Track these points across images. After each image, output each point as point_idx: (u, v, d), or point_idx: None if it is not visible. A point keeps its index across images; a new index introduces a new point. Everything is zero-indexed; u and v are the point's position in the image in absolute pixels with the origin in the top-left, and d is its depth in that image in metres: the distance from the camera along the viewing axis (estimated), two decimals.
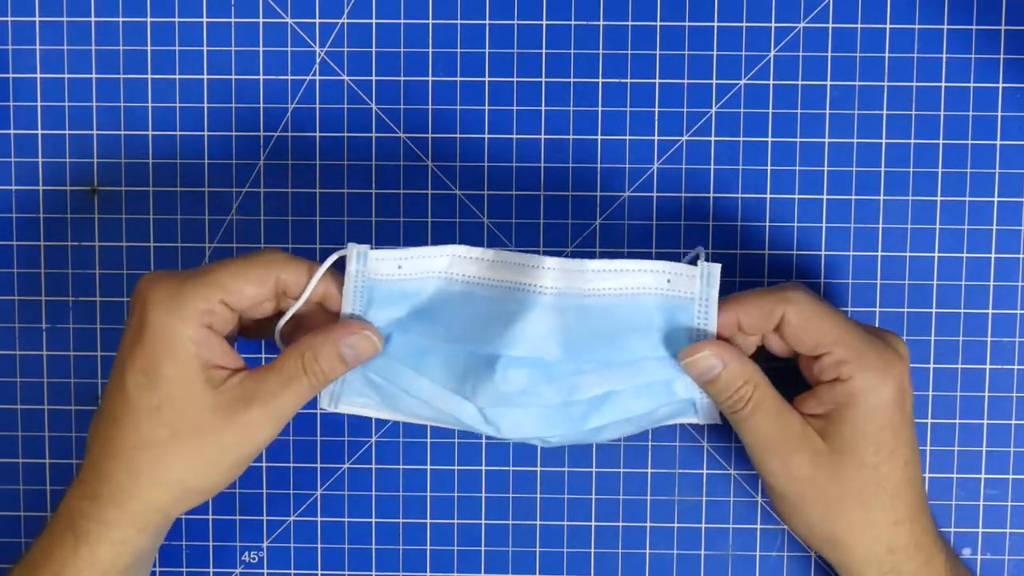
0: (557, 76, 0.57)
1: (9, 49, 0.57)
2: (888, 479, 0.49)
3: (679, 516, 0.58)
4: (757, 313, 0.50)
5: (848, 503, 0.50)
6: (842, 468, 0.49)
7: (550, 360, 0.49)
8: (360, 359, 0.50)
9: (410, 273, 0.51)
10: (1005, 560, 0.58)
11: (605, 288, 0.50)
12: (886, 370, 0.49)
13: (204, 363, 0.49)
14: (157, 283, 0.49)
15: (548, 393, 0.49)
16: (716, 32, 0.56)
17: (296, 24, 0.57)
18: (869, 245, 0.57)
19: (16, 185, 0.58)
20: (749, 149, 0.57)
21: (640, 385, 0.50)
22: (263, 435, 0.49)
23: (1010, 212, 0.56)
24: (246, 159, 0.57)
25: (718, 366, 0.49)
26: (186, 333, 0.48)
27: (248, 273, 0.49)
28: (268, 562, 0.59)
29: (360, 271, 0.50)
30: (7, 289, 0.58)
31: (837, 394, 0.49)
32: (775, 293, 0.50)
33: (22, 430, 0.58)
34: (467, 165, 0.57)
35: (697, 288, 0.50)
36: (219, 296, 0.48)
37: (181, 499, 0.50)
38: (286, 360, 0.49)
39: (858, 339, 0.49)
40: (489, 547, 0.58)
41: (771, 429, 0.50)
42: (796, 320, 0.49)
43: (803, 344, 0.49)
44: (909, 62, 0.56)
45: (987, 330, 0.57)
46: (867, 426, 0.49)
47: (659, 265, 0.50)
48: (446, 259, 0.51)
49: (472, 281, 0.51)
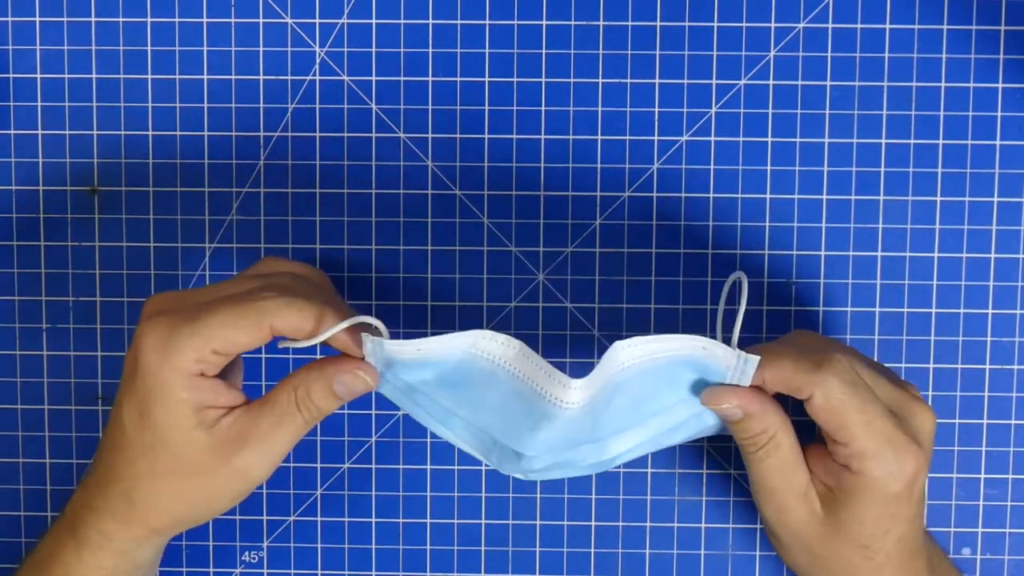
0: (557, 76, 0.57)
1: (9, 49, 0.57)
2: (877, 554, 0.50)
3: (679, 516, 0.58)
4: (786, 387, 0.49)
5: (834, 564, 0.50)
6: (833, 540, 0.50)
7: (573, 456, 0.50)
8: (353, 394, 0.49)
9: (431, 352, 0.48)
10: (1005, 560, 0.58)
11: (635, 357, 0.47)
12: (900, 469, 0.48)
13: (196, 406, 0.48)
14: (154, 326, 0.48)
15: (576, 459, 0.50)
16: (716, 32, 0.56)
17: (296, 24, 0.57)
18: (869, 245, 0.57)
19: (16, 185, 0.58)
20: (749, 149, 0.57)
21: (669, 428, 0.51)
22: (257, 475, 0.49)
23: (1010, 212, 0.56)
24: (246, 159, 0.57)
25: (739, 416, 0.49)
26: (177, 382, 0.48)
27: (240, 323, 0.48)
28: (268, 562, 0.59)
29: (376, 352, 0.48)
30: (7, 289, 0.58)
31: (844, 479, 0.49)
32: (810, 372, 0.48)
33: (22, 430, 0.58)
34: (467, 165, 0.57)
35: (731, 369, 0.48)
36: (210, 347, 0.48)
37: (177, 526, 0.51)
38: (278, 397, 0.49)
39: (878, 437, 0.48)
40: (489, 547, 0.58)
41: (776, 480, 0.50)
42: (822, 404, 0.48)
43: (824, 426, 0.49)
44: (909, 62, 0.56)
45: (987, 330, 0.57)
46: (866, 514, 0.49)
47: (696, 339, 0.47)
48: (469, 339, 0.47)
49: (497, 362, 0.47)
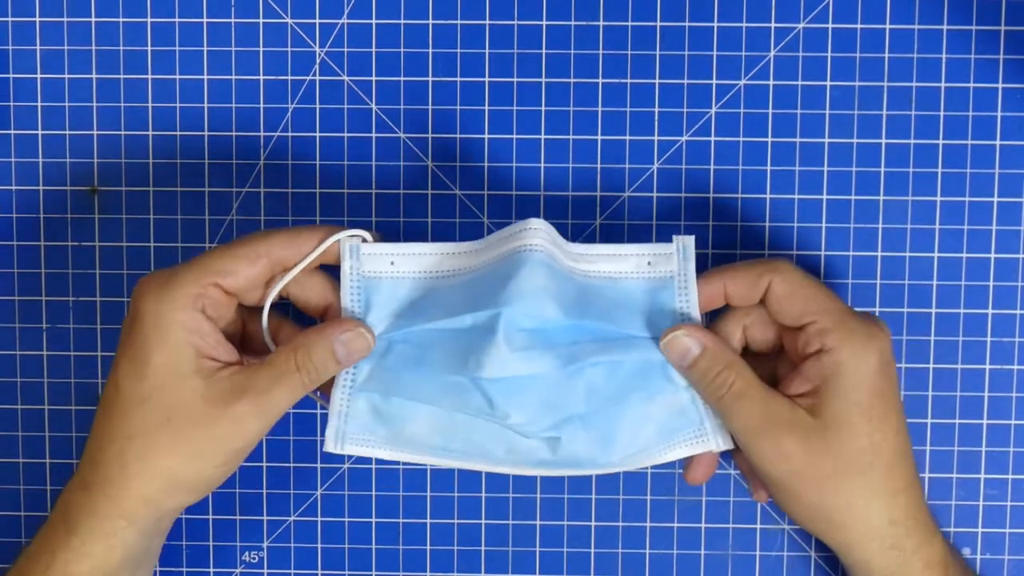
0: (557, 76, 0.57)
1: (9, 49, 0.57)
2: (882, 447, 0.49)
3: (679, 516, 0.58)
4: (743, 282, 0.50)
5: (844, 477, 0.49)
6: (835, 441, 0.49)
7: (548, 319, 0.49)
8: (352, 358, 0.50)
9: (403, 271, 0.51)
10: (1005, 560, 0.58)
11: (590, 271, 0.51)
12: (870, 339, 0.49)
13: (196, 350, 0.48)
14: (151, 276, 0.49)
15: (548, 358, 0.49)
16: (716, 32, 0.56)
17: (296, 24, 0.57)
18: (869, 245, 0.57)
19: (16, 185, 0.58)
20: (749, 149, 0.57)
21: (636, 361, 0.50)
22: (253, 429, 0.49)
23: (1010, 212, 0.56)
24: (246, 159, 0.57)
25: (695, 347, 0.49)
26: (176, 318, 0.48)
27: (238, 251, 0.49)
28: (268, 562, 0.59)
29: (354, 267, 0.51)
30: (7, 289, 0.58)
31: (823, 366, 0.49)
32: (762, 264, 0.50)
33: (22, 430, 0.58)
34: (467, 165, 0.57)
35: (675, 265, 0.51)
36: (211, 279, 0.48)
37: (170, 491, 0.49)
38: (278, 356, 0.49)
39: (842, 310, 0.50)
40: (489, 547, 0.58)
41: (758, 412, 0.49)
42: (782, 289, 0.49)
43: (788, 314, 0.50)
44: (909, 62, 0.56)
45: (987, 330, 0.57)
46: (857, 394, 0.49)
47: (638, 248, 0.51)
48: (437, 256, 0.51)
49: (465, 272, 0.51)
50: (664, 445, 0.52)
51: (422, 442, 0.52)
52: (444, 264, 0.51)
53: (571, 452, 0.51)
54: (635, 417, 0.51)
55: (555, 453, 0.51)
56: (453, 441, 0.51)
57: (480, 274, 0.51)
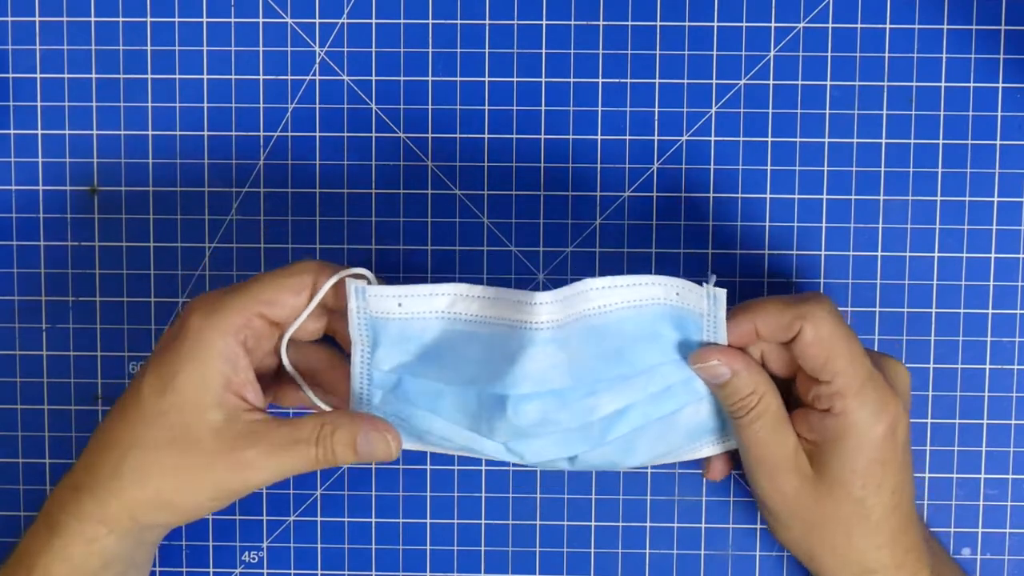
0: (557, 76, 0.57)
1: (9, 49, 0.57)
2: (873, 509, 0.50)
3: (679, 516, 0.58)
4: (776, 326, 0.49)
5: (830, 528, 0.50)
6: (827, 497, 0.50)
7: (560, 388, 0.49)
8: (371, 457, 0.49)
9: (411, 312, 0.50)
10: (1005, 560, 0.58)
11: (612, 303, 0.49)
12: (881, 411, 0.49)
13: (225, 382, 0.48)
14: (206, 295, 0.49)
15: (565, 419, 0.49)
16: (716, 32, 0.56)
17: (296, 24, 0.57)
18: (869, 245, 0.57)
19: (16, 185, 0.58)
20: (749, 149, 0.57)
21: (657, 392, 0.50)
22: (254, 479, 0.48)
23: (1010, 212, 0.56)
24: (246, 159, 0.57)
25: (726, 374, 0.49)
26: (216, 345, 0.48)
27: (285, 282, 0.49)
28: (268, 562, 0.59)
29: (361, 307, 0.50)
30: (7, 289, 0.58)
31: (828, 428, 0.49)
32: (797, 307, 0.49)
33: (22, 430, 0.58)
34: (467, 165, 0.57)
35: (705, 306, 0.49)
36: (257, 308, 0.48)
37: (155, 510, 0.49)
38: (305, 423, 0.49)
39: (862, 374, 0.49)
40: (489, 547, 0.58)
41: (766, 443, 0.50)
42: (811, 339, 0.48)
43: (810, 364, 0.49)
44: (909, 62, 0.56)
45: (987, 330, 0.57)
46: (855, 461, 0.49)
47: (667, 280, 0.49)
48: (447, 298, 0.49)
49: (475, 320, 0.49)
50: (688, 448, 0.52)
51: (441, 442, 0.52)
52: (455, 307, 0.50)
53: (589, 463, 0.52)
54: (658, 430, 0.51)
55: (573, 464, 0.52)
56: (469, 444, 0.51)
57: (490, 333, 0.49)
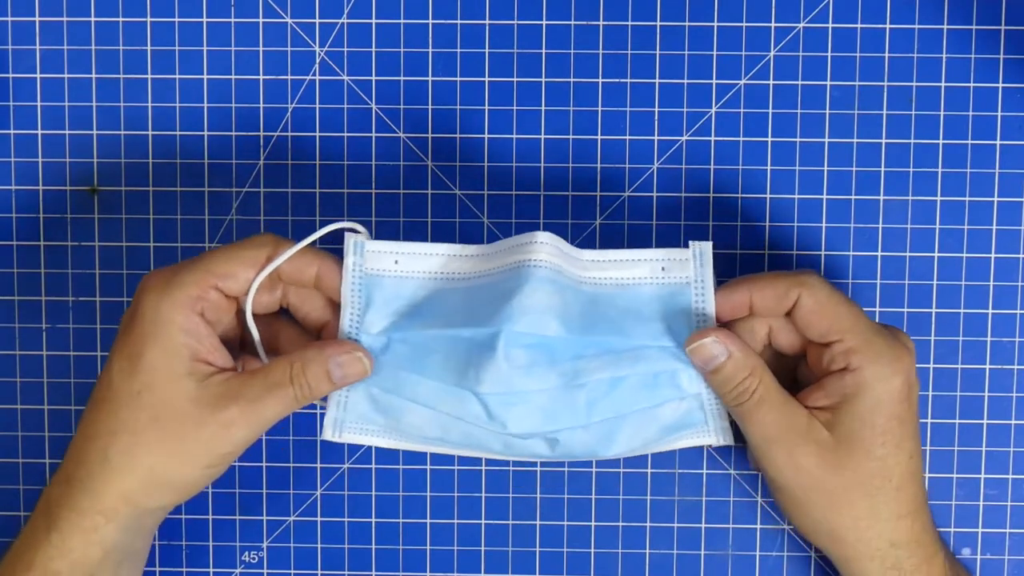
0: (557, 76, 0.57)
1: (9, 49, 0.57)
2: (893, 471, 0.49)
3: (679, 516, 0.58)
4: (772, 294, 0.49)
5: (852, 496, 0.49)
6: (848, 460, 0.49)
7: (550, 336, 0.49)
8: (347, 380, 0.50)
9: (406, 270, 0.51)
10: (1005, 560, 0.58)
11: (602, 278, 0.50)
12: (895, 361, 0.49)
13: (191, 353, 0.48)
14: (154, 273, 0.50)
15: (550, 376, 0.49)
16: (716, 32, 0.56)
17: (296, 24, 0.57)
18: (869, 245, 0.57)
19: (16, 185, 0.58)
20: (749, 149, 0.57)
21: (644, 375, 0.50)
22: (241, 436, 0.49)
23: (1010, 212, 0.56)
24: (246, 159, 0.57)
25: (723, 354, 0.49)
26: (175, 319, 0.48)
27: (239, 255, 0.49)
28: (268, 562, 0.59)
29: (358, 263, 0.51)
30: (7, 289, 0.58)
31: (845, 384, 0.49)
32: (791, 276, 0.49)
33: (22, 430, 0.58)
34: (467, 165, 0.57)
35: (691, 271, 0.50)
36: (211, 281, 0.48)
37: (151, 489, 0.49)
38: (274, 367, 0.49)
39: (869, 329, 0.49)
40: (489, 547, 0.58)
41: (776, 421, 0.49)
42: (810, 304, 0.49)
43: (815, 329, 0.49)
44: (909, 62, 0.56)
45: (987, 330, 0.57)
46: (875, 417, 0.49)
47: (652, 253, 0.50)
48: (442, 258, 0.51)
49: (470, 277, 0.51)
50: (665, 441, 0.52)
51: (420, 433, 0.52)
52: (449, 266, 0.51)
53: (569, 450, 0.51)
54: (638, 421, 0.51)
55: (553, 450, 0.51)
56: (450, 433, 0.51)
57: (484, 283, 0.50)
